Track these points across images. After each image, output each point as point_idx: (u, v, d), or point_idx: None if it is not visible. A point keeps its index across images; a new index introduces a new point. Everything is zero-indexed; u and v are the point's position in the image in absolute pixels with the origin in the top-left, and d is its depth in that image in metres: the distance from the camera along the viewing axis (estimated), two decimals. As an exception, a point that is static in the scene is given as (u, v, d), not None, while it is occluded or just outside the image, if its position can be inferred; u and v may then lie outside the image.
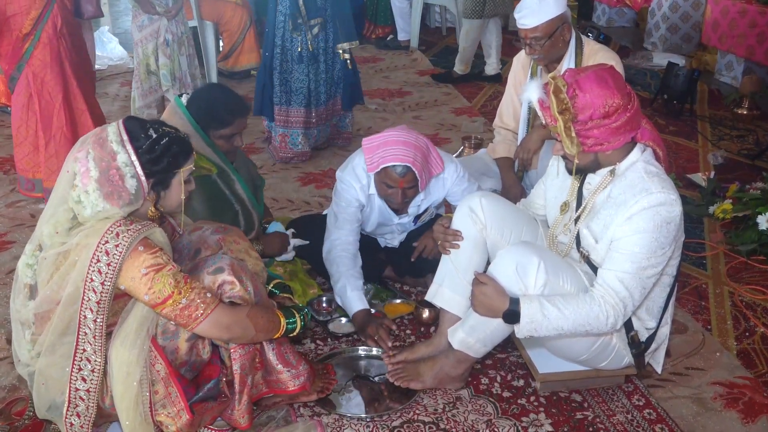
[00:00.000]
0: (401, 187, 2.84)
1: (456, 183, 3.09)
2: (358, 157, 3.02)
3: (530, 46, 3.24)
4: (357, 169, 3.01)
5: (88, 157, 2.06)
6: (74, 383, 2.11)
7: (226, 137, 2.93)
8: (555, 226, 2.57)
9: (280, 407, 2.50)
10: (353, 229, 3.06)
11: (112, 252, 2.02)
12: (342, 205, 3.04)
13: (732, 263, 3.55)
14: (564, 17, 3.22)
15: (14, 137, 3.97)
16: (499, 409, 2.53)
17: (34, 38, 3.76)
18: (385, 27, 8.22)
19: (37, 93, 3.83)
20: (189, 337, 2.23)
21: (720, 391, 2.64)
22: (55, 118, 3.87)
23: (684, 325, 3.02)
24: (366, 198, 3.04)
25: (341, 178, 3.05)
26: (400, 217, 3.15)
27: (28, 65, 3.79)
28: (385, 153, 2.80)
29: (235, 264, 2.26)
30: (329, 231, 3.09)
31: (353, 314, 2.92)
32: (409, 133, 2.87)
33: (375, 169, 2.85)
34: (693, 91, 5.65)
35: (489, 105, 5.98)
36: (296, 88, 4.54)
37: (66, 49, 3.85)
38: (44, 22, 3.75)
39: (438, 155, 2.97)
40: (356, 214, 3.05)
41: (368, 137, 2.93)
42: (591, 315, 2.26)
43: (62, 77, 3.85)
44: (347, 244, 3.04)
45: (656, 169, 2.33)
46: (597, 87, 2.20)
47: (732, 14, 6.04)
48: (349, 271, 2.98)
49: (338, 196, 3.06)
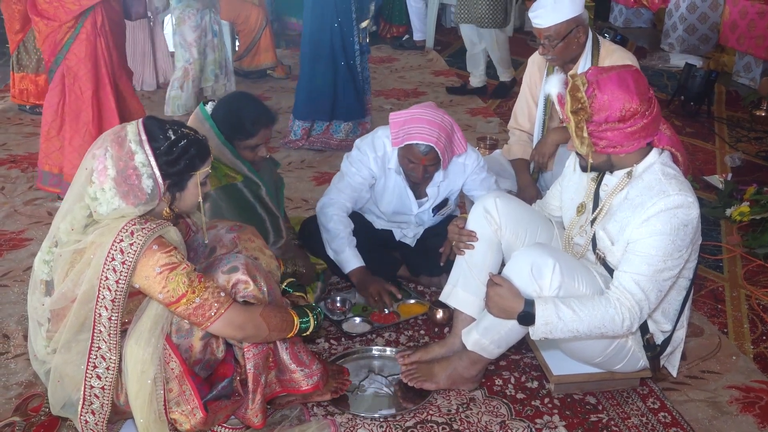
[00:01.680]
0: (423, 164, 2.92)
1: (475, 171, 3.15)
2: (381, 130, 3.11)
3: (543, 45, 3.22)
4: (377, 140, 3.09)
5: (106, 155, 2.07)
6: (89, 381, 2.12)
7: (251, 147, 2.93)
8: (571, 227, 2.55)
9: (294, 406, 2.50)
10: (352, 198, 3.14)
11: (126, 250, 2.02)
12: (352, 171, 3.12)
13: (749, 266, 3.52)
14: (579, 19, 3.18)
15: (44, 132, 3.98)
16: (512, 411, 2.52)
17: (74, 32, 3.80)
18: (401, 27, 8.22)
19: (69, 87, 3.87)
20: (203, 336, 2.23)
21: (736, 394, 2.62)
22: (83, 113, 3.90)
23: (700, 328, 3.00)
24: (379, 169, 3.10)
25: (358, 146, 3.14)
26: (420, 206, 3.16)
27: (65, 59, 3.84)
28: (411, 129, 2.89)
29: (249, 263, 2.26)
30: (330, 189, 3.17)
31: (351, 271, 3.03)
32: (436, 112, 2.95)
33: (399, 144, 2.94)
34: (710, 93, 5.62)
35: (504, 105, 5.96)
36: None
37: (104, 47, 3.88)
38: (85, 17, 3.78)
39: (462, 136, 3.05)
40: (362, 184, 3.13)
41: (395, 112, 3.02)
42: (606, 317, 2.25)
43: (95, 74, 3.88)
44: (342, 208, 3.12)
45: (674, 172, 2.31)
46: (617, 89, 2.19)
47: (751, 15, 6.00)
48: (345, 230, 3.07)
49: (350, 160, 3.14)
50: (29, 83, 5.46)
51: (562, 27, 3.15)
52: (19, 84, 5.49)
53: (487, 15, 5.64)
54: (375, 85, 6.44)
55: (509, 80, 6.18)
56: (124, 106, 4.04)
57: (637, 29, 8.52)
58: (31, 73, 5.43)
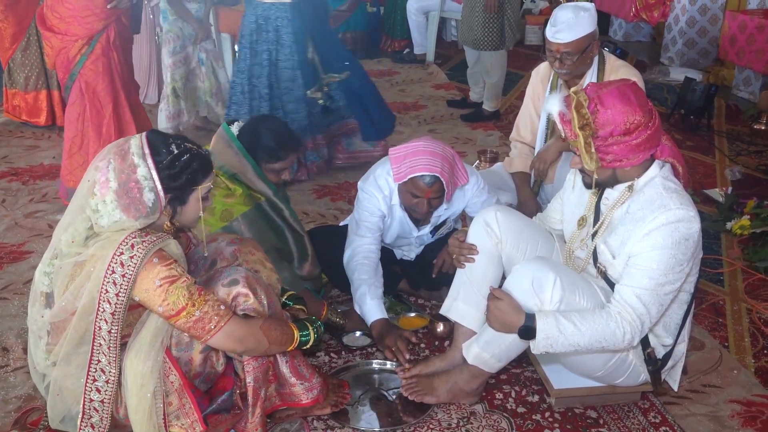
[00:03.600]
0: (427, 197, 2.86)
1: (476, 194, 3.11)
2: (380, 167, 3.04)
3: (560, 60, 3.23)
4: (379, 180, 3.03)
5: (109, 167, 2.07)
6: (89, 394, 2.12)
7: (276, 171, 2.94)
8: (572, 240, 2.55)
9: (294, 420, 2.50)
10: (375, 239, 3.05)
11: (126, 263, 2.02)
12: (365, 215, 3.04)
13: (750, 279, 3.52)
14: (595, 34, 3.22)
15: (67, 148, 4.02)
16: (513, 425, 2.51)
17: (89, 48, 3.84)
18: (402, 41, 8.26)
19: (90, 102, 3.91)
20: (203, 349, 2.23)
21: (737, 409, 2.61)
22: (104, 128, 3.94)
23: (701, 342, 3.00)
24: (388, 208, 3.05)
25: (363, 188, 3.06)
26: (420, 230, 3.15)
27: (81, 74, 3.87)
28: (413, 163, 2.81)
29: (249, 276, 2.26)
30: (350, 239, 3.07)
31: (372, 323, 2.89)
32: (436, 144, 2.89)
33: (402, 179, 2.85)
34: (710, 106, 5.63)
35: (505, 119, 5.97)
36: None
37: (117, 62, 3.94)
38: (100, 33, 3.84)
39: (463, 166, 3.00)
40: (378, 223, 3.05)
41: (394, 147, 2.94)
42: (607, 331, 2.24)
43: (112, 88, 3.93)
44: (369, 253, 3.02)
45: (675, 185, 2.32)
46: (619, 103, 2.20)
47: (750, 29, 6.01)
48: (370, 279, 2.96)
49: (360, 205, 3.06)
50: (20, 100, 5.51)
51: (582, 42, 3.17)
52: (12, 100, 5.55)
53: (482, 38, 5.58)
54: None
55: (491, 110, 5.98)
56: (138, 119, 4.08)
57: (637, 43, 8.56)
58: (21, 90, 5.47)
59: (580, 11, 3.18)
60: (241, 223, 2.84)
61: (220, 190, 2.83)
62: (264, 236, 2.87)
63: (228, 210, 2.83)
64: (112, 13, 3.86)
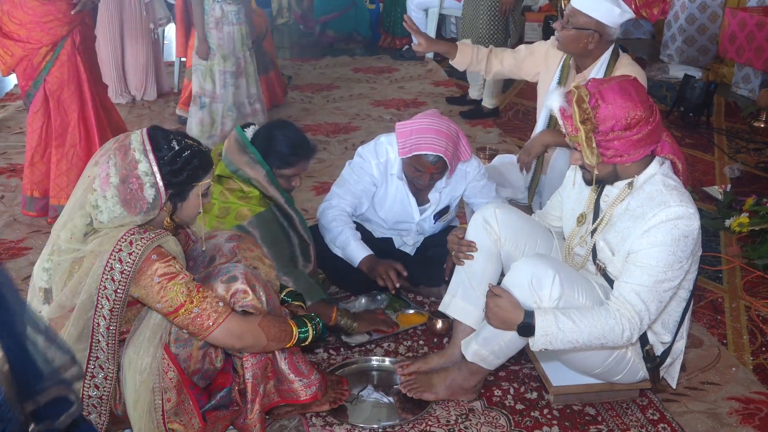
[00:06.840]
0: (430, 172, 2.95)
1: (476, 178, 3.18)
2: (385, 137, 3.13)
3: (560, 21, 3.21)
4: (379, 147, 3.11)
5: (110, 162, 2.07)
6: (87, 390, 2.12)
7: (287, 177, 2.93)
8: (571, 237, 2.55)
9: (293, 417, 2.50)
10: (351, 204, 3.15)
11: (125, 260, 2.02)
12: (353, 178, 3.13)
13: (748, 277, 3.52)
14: (600, 27, 3.12)
15: (29, 158, 3.89)
16: (512, 422, 2.51)
17: (54, 54, 3.70)
18: (403, 39, 8.25)
19: (53, 110, 3.77)
20: (202, 345, 2.23)
21: (736, 406, 2.62)
22: (69, 136, 3.81)
23: (699, 339, 3.00)
24: (381, 175, 3.11)
25: (360, 153, 3.15)
26: (421, 213, 3.16)
27: (46, 81, 3.72)
28: (419, 140, 2.89)
29: (248, 273, 2.26)
30: (330, 194, 3.18)
31: (360, 261, 3.00)
32: (441, 120, 2.97)
33: (408, 154, 2.93)
34: (709, 104, 5.63)
35: (504, 116, 5.97)
36: None
37: (83, 64, 3.79)
38: (65, 38, 3.69)
39: (467, 143, 3.08)
40: (363, 191, 3.14)
41: (401, 122, 3.01)
42: (606, 328, 2.25)
43: (79, 95, 3.79)
44: (342, 212, 3.12)
45: (675, 183, 2.32)
46: (620, 98, 2.20)
47: (750, 27, 6.01)
48: (348, 225, 3.08)
49: (352, 168, 3.15)
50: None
51: (583, 18, 3.13)
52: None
53: (486, 35, 5.54)
54: (375, 95, 6.47)
55: (490, 108, 5.96)
56: (110, 120, 3.98)
57: (636, 40, 8.54)
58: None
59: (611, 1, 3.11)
60: (255, 224, 2.83)
61: (235, 192, 2.84)
62: (276, 239, 2.88)
63: (225, 207, 2.83)
64: (77, 16, 3.70)
